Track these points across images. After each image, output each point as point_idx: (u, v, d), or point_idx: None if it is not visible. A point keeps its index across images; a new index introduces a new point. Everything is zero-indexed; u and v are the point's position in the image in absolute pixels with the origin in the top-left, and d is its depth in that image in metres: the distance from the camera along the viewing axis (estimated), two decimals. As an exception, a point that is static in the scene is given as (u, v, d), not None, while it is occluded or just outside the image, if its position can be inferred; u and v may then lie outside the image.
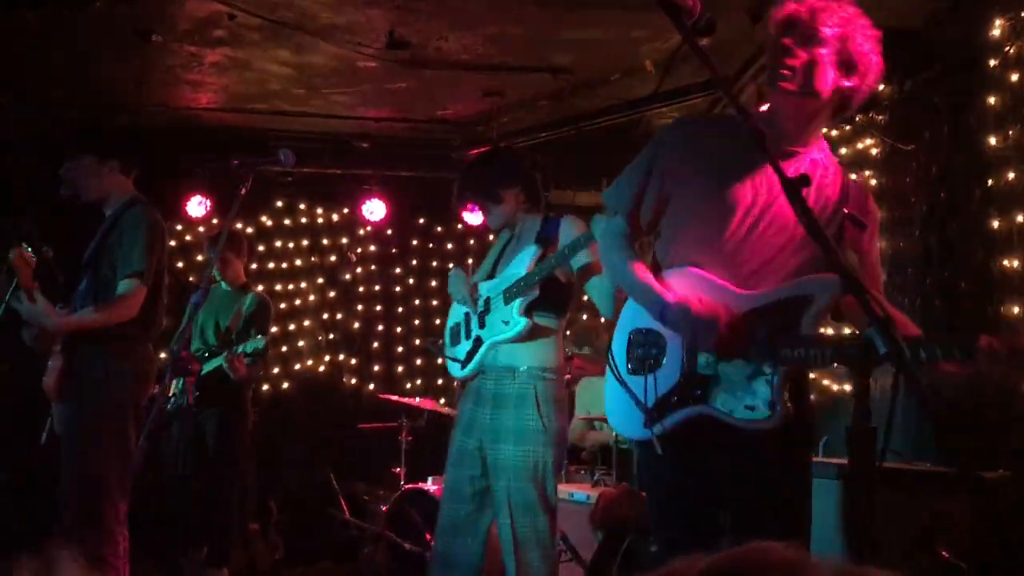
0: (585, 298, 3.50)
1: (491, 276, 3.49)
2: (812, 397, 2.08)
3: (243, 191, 2.98)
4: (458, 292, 3.47)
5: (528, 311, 3.27)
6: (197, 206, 6.63)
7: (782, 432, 2.08)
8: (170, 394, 4.64)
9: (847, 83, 2.14)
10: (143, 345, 3.55)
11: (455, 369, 3.52)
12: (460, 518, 3.34)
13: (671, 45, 5.06)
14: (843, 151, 4.88)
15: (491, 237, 7.01)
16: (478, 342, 3.41)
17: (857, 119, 4.66)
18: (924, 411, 1.43)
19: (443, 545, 3.36)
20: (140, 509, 3.74)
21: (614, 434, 5.13)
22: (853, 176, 2.33)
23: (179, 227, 6.84)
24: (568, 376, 4.96)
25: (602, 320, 4.57)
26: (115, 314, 3.41)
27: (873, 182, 4.66)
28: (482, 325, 3.43)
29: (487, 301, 3.41)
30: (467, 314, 3.51)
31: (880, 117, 4.67)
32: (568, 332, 5.18)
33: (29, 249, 3.42)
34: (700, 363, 2.17)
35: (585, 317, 6.66)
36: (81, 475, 3.37)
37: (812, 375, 2.02)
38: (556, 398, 3.30)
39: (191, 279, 6.89)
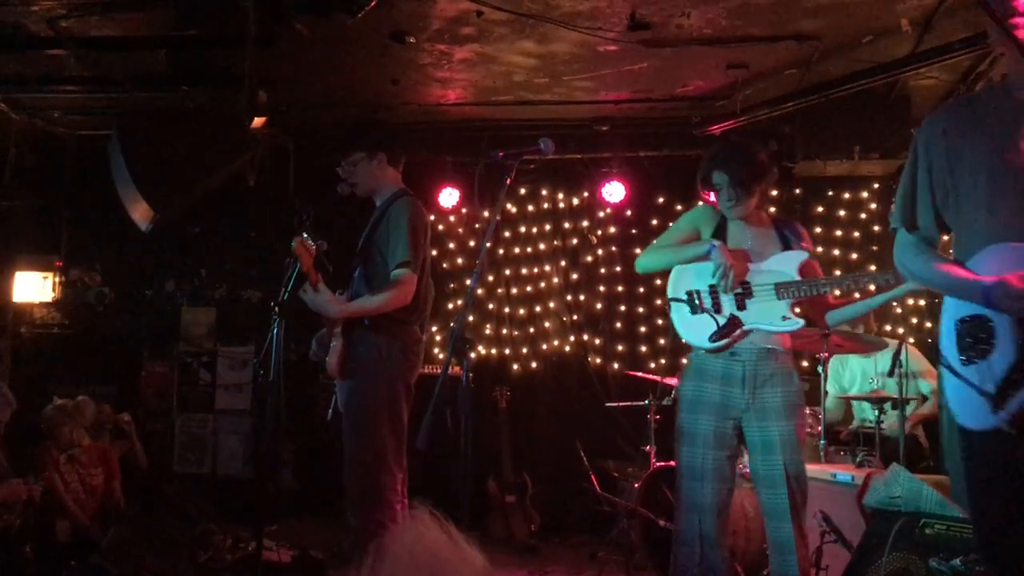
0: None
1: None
2: None
3: (508, 181, 3.10)
4: (725, 267, 3.39)
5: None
6: (448, 197, 7.04)
7: None
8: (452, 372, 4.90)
9: None
10: (411, 327, 3.77)
11: (699, 337, 3.47)
12: (724, 496, 3.42)
13: (929, 1, 4.75)
14: None
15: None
16: (735, 323, 3.42)
17: None
18: None
19: (709, 526, 3.39)
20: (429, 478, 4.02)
21: (876, 414, 4.92)
22: None
23: (432, 217, 7.22)
24: (826, 354, 4.83)
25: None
26: (392, 301, 3.63)
27: None
28: (741, 307, 3.44)
29: (746, 285, 3.47)
30: (712, 288, 3.50)
31: None
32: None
33: (308, 238, 3.66)
34: None
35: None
36: (360, 448, 3.64)
37: None
38: None
39: (444, 266, 7.29)
